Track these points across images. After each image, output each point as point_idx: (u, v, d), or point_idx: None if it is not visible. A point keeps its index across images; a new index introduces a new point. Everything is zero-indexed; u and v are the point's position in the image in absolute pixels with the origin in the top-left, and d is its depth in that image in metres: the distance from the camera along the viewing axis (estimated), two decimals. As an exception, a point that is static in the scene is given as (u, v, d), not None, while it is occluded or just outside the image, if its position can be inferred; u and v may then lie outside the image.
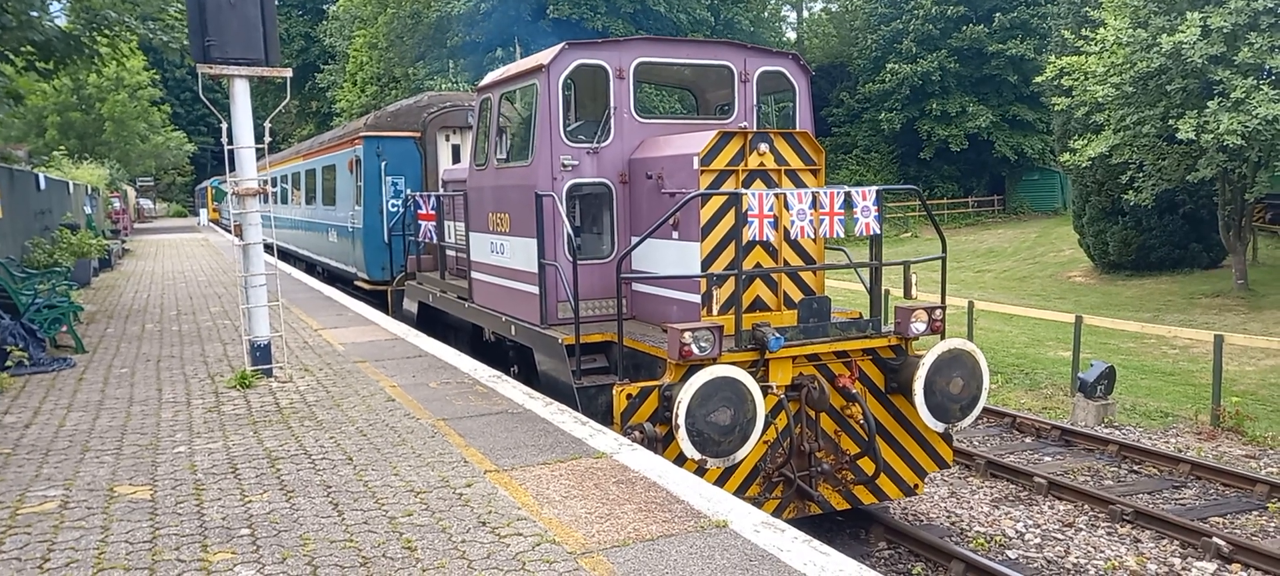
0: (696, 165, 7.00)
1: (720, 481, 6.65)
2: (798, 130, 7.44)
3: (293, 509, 4.89)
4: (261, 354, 8.29)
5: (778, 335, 6.68)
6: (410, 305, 12.49)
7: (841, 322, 7.21)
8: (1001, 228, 42.79)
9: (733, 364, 6.47)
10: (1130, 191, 21.75)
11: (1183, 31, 17.86)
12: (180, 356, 9.65)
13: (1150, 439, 11.53)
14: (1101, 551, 8.08)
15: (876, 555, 7.90)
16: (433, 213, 11.40)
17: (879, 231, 7.17)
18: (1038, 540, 8.34)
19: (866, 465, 7.31)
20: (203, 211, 56.46)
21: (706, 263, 7.05)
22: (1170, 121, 19.17)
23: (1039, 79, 25.40)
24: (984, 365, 7.29)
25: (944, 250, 7.69)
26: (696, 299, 7.12)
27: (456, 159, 14.12)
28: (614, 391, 6.55)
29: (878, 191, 7.04)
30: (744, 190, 6.79)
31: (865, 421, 7.10)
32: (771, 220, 6.69)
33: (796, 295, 7.38)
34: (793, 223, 6.71)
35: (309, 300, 14.58)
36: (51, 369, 8.98)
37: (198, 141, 65.06)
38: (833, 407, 7.20)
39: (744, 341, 6.78)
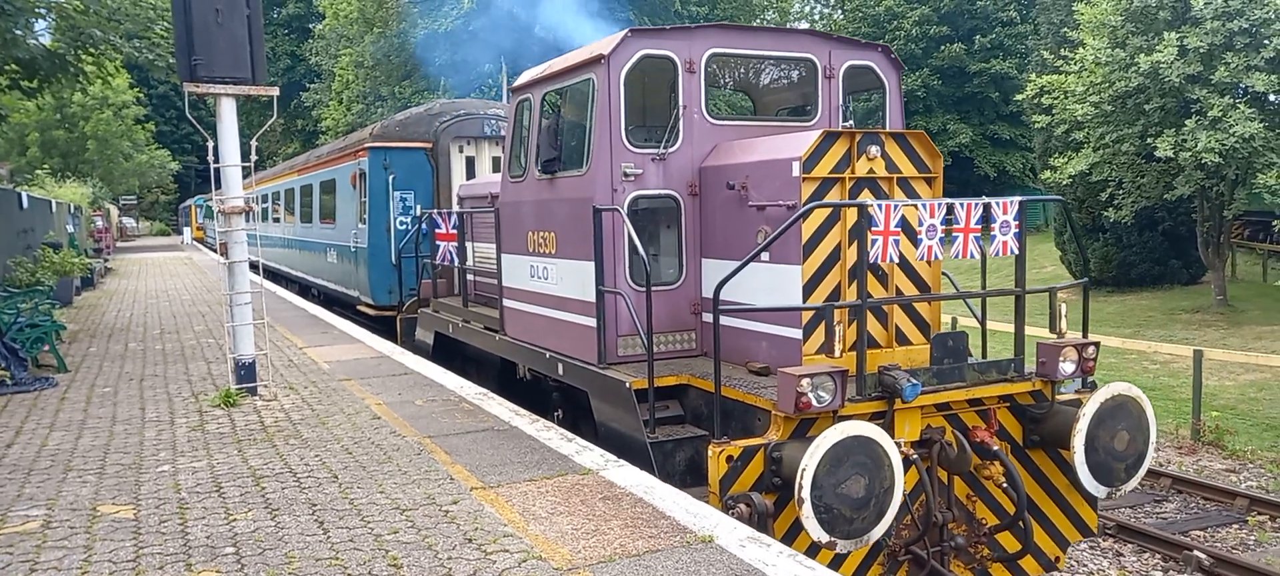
0: (798, 172, 5.88)
1: (835, 563, 5.36)
2: (911, 131, 6.27)
3: (278, 527, 4.88)
4: (246, 372, 8.27)
5: (913, 381, 5.42)
6: (424, 335, 11.33)
7: (979, 364, 6.01)
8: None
9: (853, 417, 5.31)
10: (1110, 209, 22.01)
11: (1160, 51, 18.13)
12: (164, 375, 9.60)
13: (1132, 453, 11.62)
14: (1084, 565, 8.15)
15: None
16: (454, 232, 10.26)
17: (1020, 250, 6.03)
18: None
19: (1007, 540, 6.10)
20: (187, 230, 56.17)
21: (808, 289, 5.93)
22: (1149, 139, 19.42)
23: (1020, 97, 25.68)
24: (1151, 415, 6.04)
25: (1087, 272, 6.64)
26: (795, 334, 5.99)
27: (471, 172, 13.38)
28: (710, 453, 5.26)
29: (1021, 203, 5.94)
30: (870, 201, 5.58)
31: (1010, 486, 5.87)
32: (896, 238, 5.48)
33: (909, 328, 6.29)
34: (920, 241, 5.58)
35: (294, 319, 14.53)
36: (33, 388, 8.91)
37: (182, 159, 64.80)
38: (969, 470, 5.93)
39: (869, 388, 5.53)
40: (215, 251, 36.15)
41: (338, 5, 42.34)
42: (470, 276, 10.35)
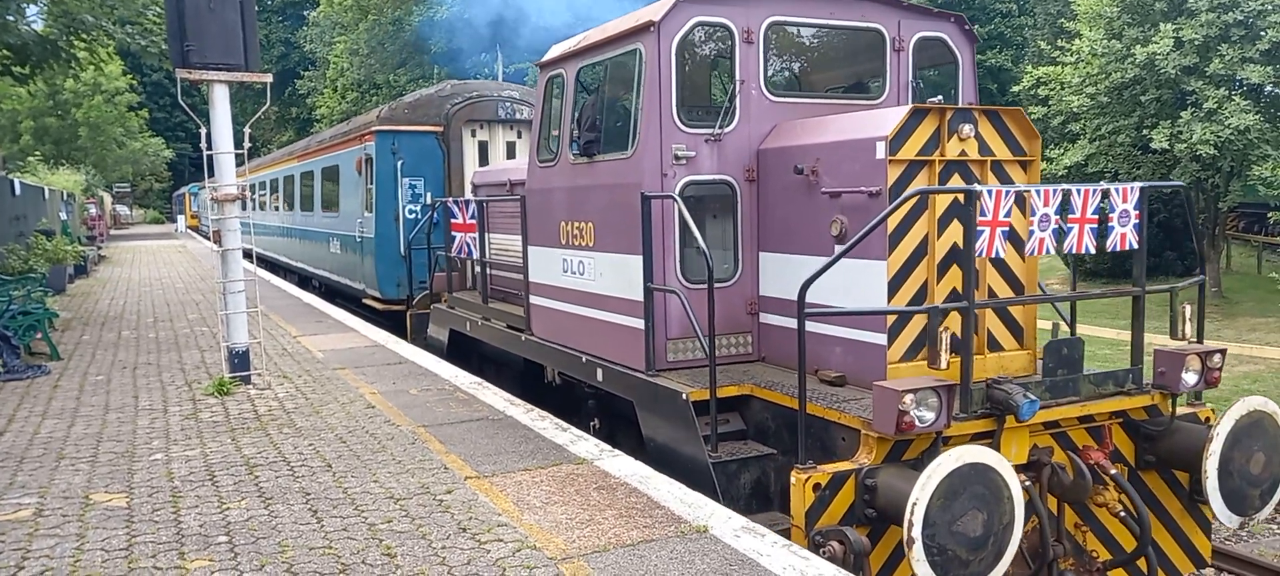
0: (883, 153, 5.13)
1: None
2: (1006, 108, 5.54)
3: (271, 516, 4.86)
4: (240, 361, 8.24)
5: (1030, 397, 4.73)
6: (438, 333, 10.55)
7: (1095, 375, 5.32)
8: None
9: (955, 438, 4.76)
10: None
11: (1156, 43, 18.13)
12: (157, 364, 9.56)
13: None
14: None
15: None
16: (473, 222, 9.39)
17: (1139, 244, 5.32)
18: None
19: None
20: (181, 218, 55.98)
21: (892, 288, 5.23)
22: (1144, 131, 19.44)
23: (1016, 88, 25.69)
24: None
25: (1202, 270, 5.78)
26: (879, 339, 5.25)
27: (484, 157, 12.75)
28: (794, 480, 4.63)
29: (1142, 189, 5.24)
30: (983, 186, 4.86)
31: (1131, 516, 5.23)
32: (1005, 230, 4.81)
33: (1002, 333, 5.57)
34: (1032, 233, 4.92)
35: (288, 307, 14.49)
36: (26, 376, 8.88)
37: (176, 147, 64.51)
38: (1082, 498, 5.25)
39: (975, 404, 4.84)
40: (209, 239, 36.02)
41: (332, -8, 42.16)
42: (488, 270, 9.56)
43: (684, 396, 5.71)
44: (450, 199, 10.51)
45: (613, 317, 6.62)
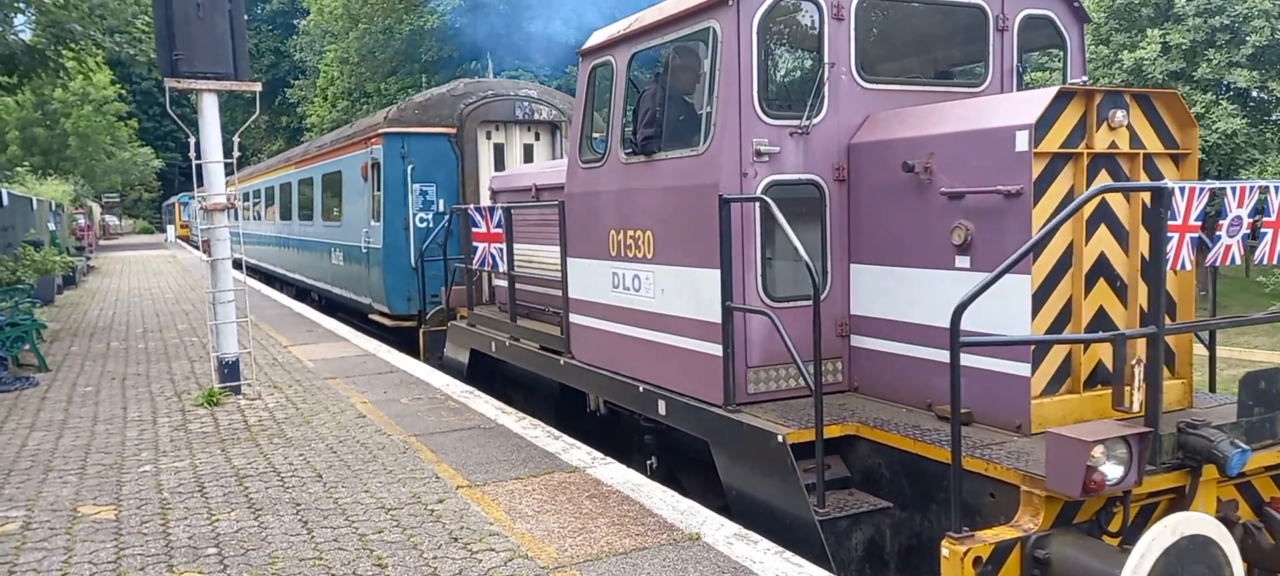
0: (1025, 144, 4.33)
1: None
2: (1158, 90, 4.80)
3: (261, 527, 4.83)
4: (229, 371, 8.20)
5: (1239, 445, 3.94)
6: (456, 353, 9.58)
7: None
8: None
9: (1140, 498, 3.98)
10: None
11: (1144, 48, 18.28)
12: (146, 374, 9.51)
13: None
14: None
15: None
16: (499, 231, 8.34)
17: None
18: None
19: None
20: (170, 228, 55.76)
21: (1036, 303, 4.43)
22: (1133, 136, 19.64)
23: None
24: None
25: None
26: (1021, 370, 4.45)
27: (499, 161, 11.96)
28: (946, 551, 3.79)
29: None
30: (1171, 183, 3.93)
31: None
32: (1195, 236, 4.03)
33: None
34: (1218, 238, 4.13)
35: (279, 317, 14.43)
36: (14, 388, 8.81)
37: (165, 157, 64.31)
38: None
39: (1165, 454, 4.00)
40: (200, 249, 35.86)
41: (322, 1, 42.10)
42: (522, 286, 8.44)
43: (779, 438, 4.75)
44: (472, 205, 9.59)
45: (678, 341, 5.76)
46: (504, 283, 8.71)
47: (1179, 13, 18.11)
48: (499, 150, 12.05)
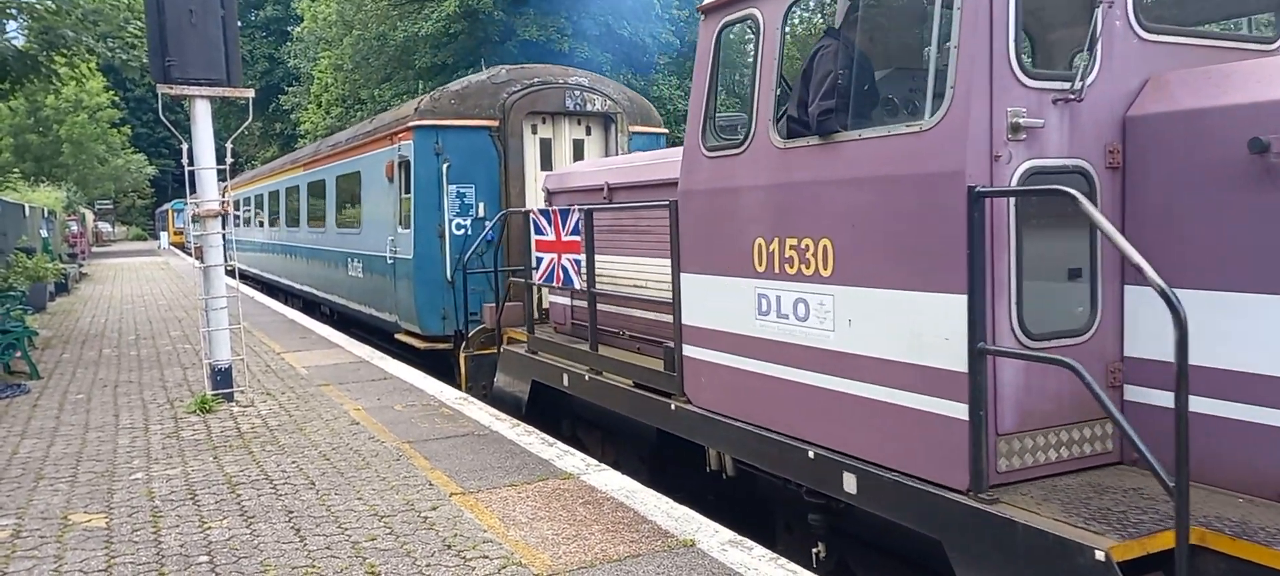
0: None
1: None
2: None
3: (253, 535, 4.80)
4: (222, 378, 8.16)
5: None
6: (511, 385, 8.01)
7: None
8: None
9: None
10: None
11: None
12: (138, 381, 9.46)
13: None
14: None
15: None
16: (575, 238, 6.95)
17: None
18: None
19: None
20: (164, 234, 55.59)
21: None
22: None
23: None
24: None
25: None
26: None
27: (547, 157, 10.52)
28: None
29: None
30: None
31: None
32: None
33: None
34: None
35: (272, 324, 14.39)
36: (5, 395, 8.76)
37: (159, 163, 64.14)
38: None
39: None
40: (193, 255, 35.77)
41: (316, 8, 42.12)
42: (595, 305, 6.86)
43: (1100, 554, 3.18)
44: (535, 208, 7.93)
45: (876, 392, 4.21)
46: (564, 299, 7.54)
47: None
48: (545, 145, 10.60)
